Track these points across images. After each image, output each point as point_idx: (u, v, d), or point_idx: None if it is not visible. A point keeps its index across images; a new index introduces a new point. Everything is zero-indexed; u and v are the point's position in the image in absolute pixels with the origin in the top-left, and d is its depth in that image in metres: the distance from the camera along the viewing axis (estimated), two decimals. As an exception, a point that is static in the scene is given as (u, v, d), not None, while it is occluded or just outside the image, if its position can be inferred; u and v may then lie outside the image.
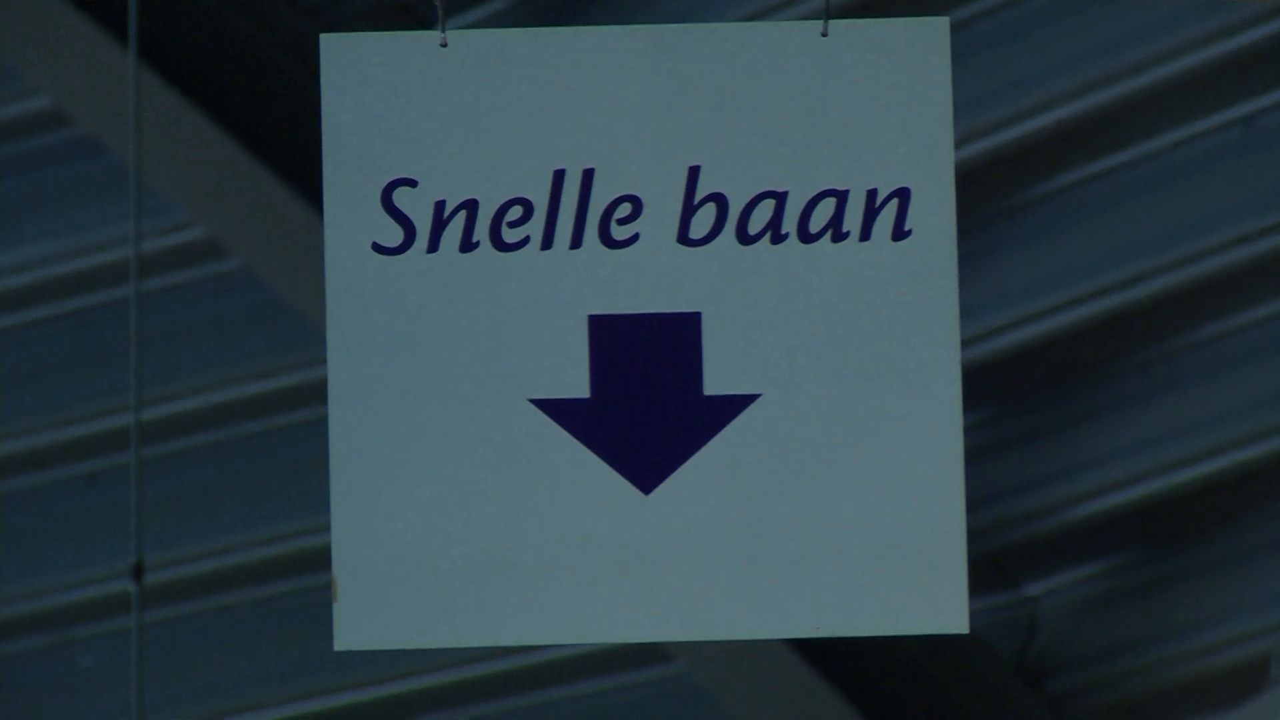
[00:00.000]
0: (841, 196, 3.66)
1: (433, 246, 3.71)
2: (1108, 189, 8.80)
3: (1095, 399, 8.32)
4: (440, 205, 3.69)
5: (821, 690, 7.28)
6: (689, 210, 3.75)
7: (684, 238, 3.76)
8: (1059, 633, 7.71)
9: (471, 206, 3.68)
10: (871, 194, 3.67)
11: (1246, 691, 7.18)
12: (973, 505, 4.17)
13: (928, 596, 3.77)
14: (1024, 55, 8.91)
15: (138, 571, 5.82)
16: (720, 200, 3.75)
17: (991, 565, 6.57)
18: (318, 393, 5.39)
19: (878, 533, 3.79)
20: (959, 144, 5.49)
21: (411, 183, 3.70)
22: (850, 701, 7.37)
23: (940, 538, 3.76)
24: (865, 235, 3.66)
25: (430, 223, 3.72)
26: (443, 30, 3.82)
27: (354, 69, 3.83)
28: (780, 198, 3.73)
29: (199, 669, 9.74)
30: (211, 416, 9.32)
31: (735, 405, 3.71)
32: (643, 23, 4.73)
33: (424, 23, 8.93)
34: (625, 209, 3.76)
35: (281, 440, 9.05)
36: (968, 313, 4.78)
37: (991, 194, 8.04)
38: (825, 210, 3.69)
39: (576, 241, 3.77)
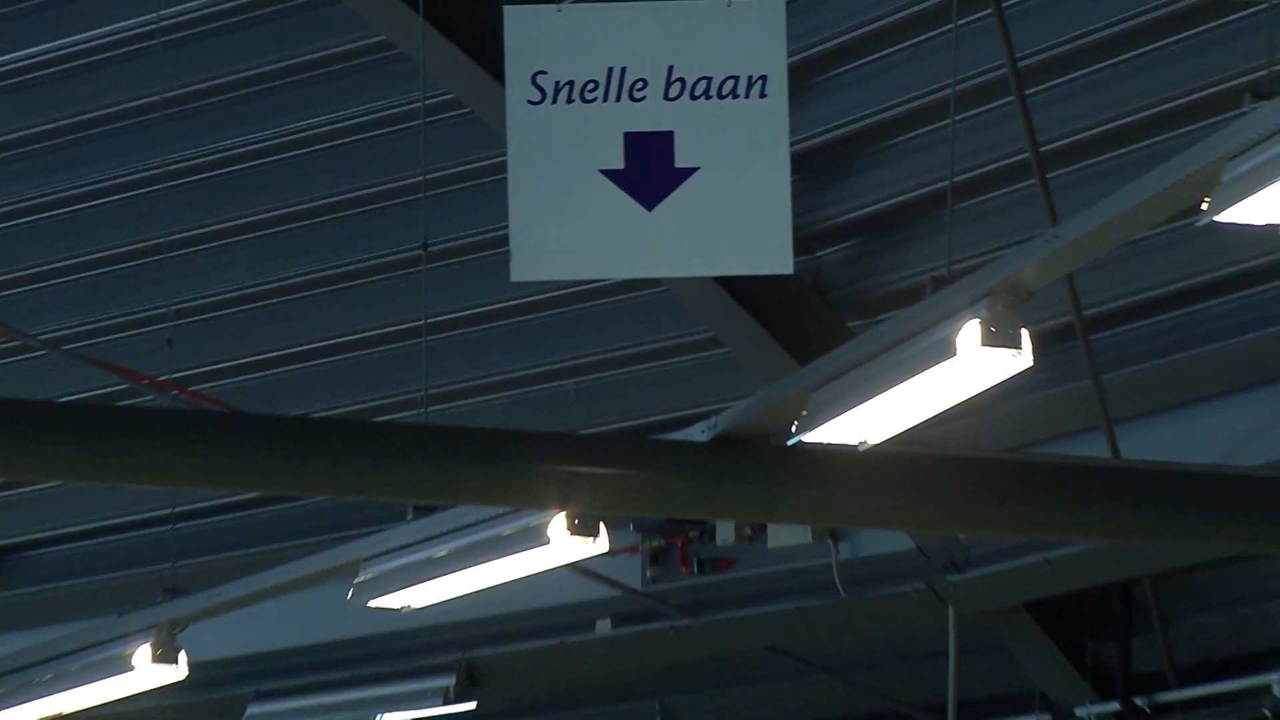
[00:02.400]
0: (736, 79, 3.81)
1: (553, 101, 3.83)
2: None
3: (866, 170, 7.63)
4: (557, 82, 3.79)
5: (722, 292, 6.90)
6: (668, 85, 3.87)
7: (666, 98, 3.88)
8: (835, 270, 7.17)
9: (570, 84, 3.80)
10: (750, 78, 3.80)
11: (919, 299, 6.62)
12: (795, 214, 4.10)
13: (773, 254, 4.01)
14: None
15: (425, 246, 5.69)
16: (682, 81, 3.85)
17: (801, 241, 6.07)
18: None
19: (753, 222, 3.93)
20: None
21: (544, 72, 3.82)
22: (739, 301, 6.84)
23: (779, 223, 3.94)
24: (747, 96, 3.81)
25: (553, 90, 3.82)
26: (559, 6, 3.98)
27: (520, 25, 3.95)
28: (709, 79, 3.84)
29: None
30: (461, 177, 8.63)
31: (690, 171, 3.86)
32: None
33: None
34: (640, 84, 3.85)
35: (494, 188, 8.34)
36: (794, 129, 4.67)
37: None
38: (729, 85, 3.82)
39: (619, 99, 3.87)
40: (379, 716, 7.33)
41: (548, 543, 4.42)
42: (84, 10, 7.79)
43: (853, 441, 4.10)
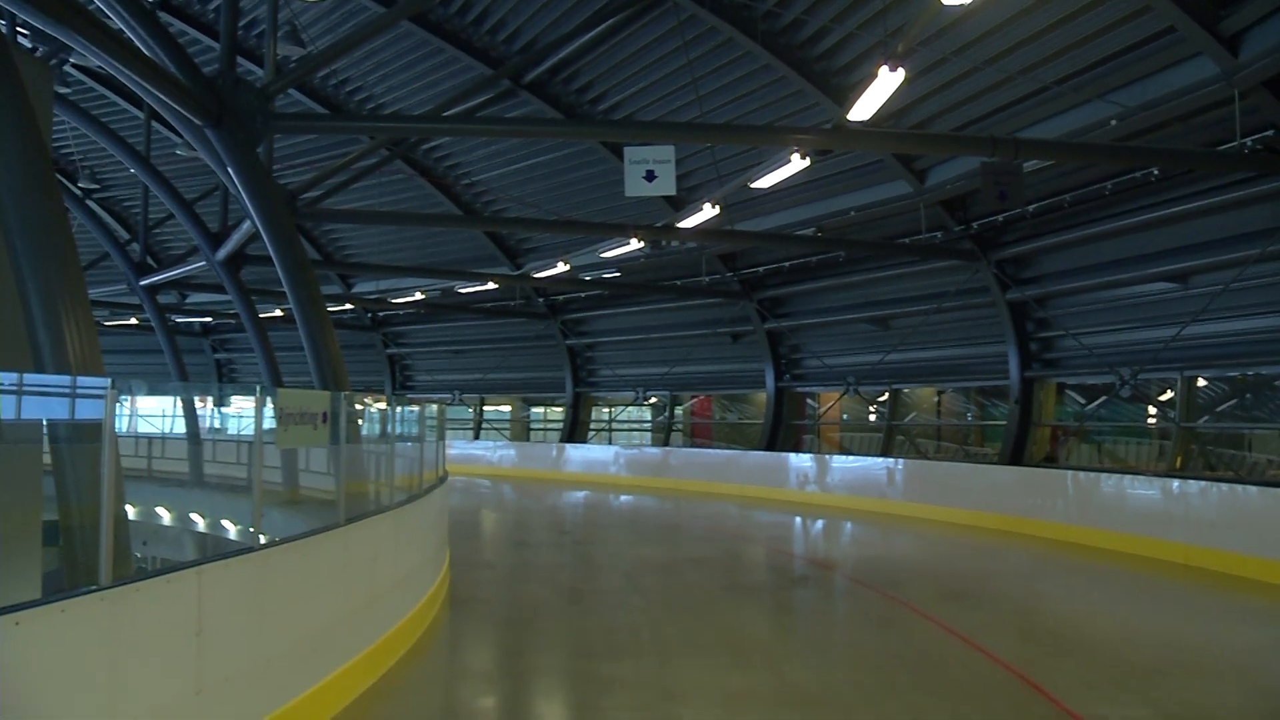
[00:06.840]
0: (664, 160, 10.31)
1: (635, 163, 10.05)
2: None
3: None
4: (636, 159, 10.02)
5: (662, 202, 13.79)
6: (652, 163, 10.18)
7: (653, 162, 10.09)
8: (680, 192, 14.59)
9: (638, 160, 10.05)
10: (670, 159, 10.49)
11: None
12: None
13: (669, 187, 10.57)
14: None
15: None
16: (657, 160, 10.27)
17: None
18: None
19: (666, 182, 10.35)
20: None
21: (631, 156, 10.07)
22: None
23: (670, 182, 10.34)
24: (669, 162, 10.37)
25: (636, 160, 10.26)
26: (637, 143, 9.63)
27: (631, 151, 10.05)
28: (660, 160, 10.31)
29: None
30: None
31: (656, 175, 10.24)
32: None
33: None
34: (646, 160, 9.90)
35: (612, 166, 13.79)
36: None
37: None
38: (661, 165, 10.44)
39: (644, 163, 10.09)
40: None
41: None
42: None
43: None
